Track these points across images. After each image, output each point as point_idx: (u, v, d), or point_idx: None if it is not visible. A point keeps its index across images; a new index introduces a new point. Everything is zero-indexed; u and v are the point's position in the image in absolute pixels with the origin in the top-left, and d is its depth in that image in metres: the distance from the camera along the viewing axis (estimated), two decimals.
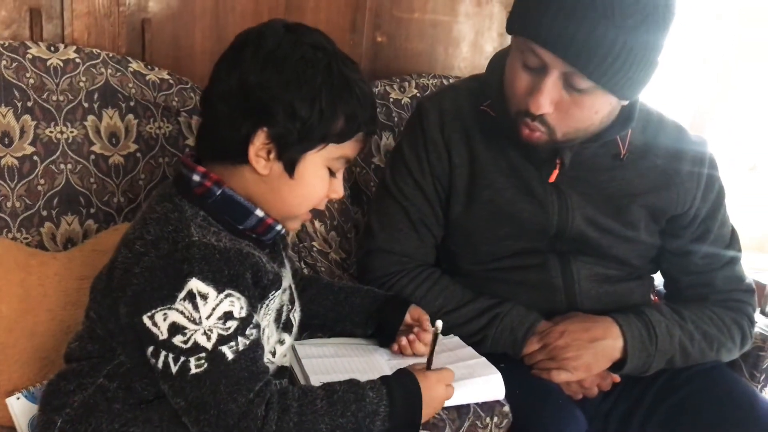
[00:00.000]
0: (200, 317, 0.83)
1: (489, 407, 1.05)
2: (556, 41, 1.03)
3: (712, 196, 1.26)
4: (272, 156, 0.90)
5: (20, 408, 1.05)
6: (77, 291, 1.17)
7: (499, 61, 1.22)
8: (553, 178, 1.20)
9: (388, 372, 1.04)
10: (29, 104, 1.24)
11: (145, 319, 0.84)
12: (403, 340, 1.11)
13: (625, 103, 1.14)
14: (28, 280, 1.15)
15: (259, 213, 0.93)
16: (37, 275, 1.16)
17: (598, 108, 1.10)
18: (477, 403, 1.05)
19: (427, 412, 0.94)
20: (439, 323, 1.00)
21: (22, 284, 1.14)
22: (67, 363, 0.97)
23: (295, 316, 1.05)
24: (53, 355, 1.12)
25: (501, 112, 1.19)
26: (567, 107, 1.09)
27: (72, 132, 1.27)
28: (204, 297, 0.83)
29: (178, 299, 0.82)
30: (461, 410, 1.03)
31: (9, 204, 1.22)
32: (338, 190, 0.97)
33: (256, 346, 0.87)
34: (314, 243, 1.46)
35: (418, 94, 1.67)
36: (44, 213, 1.25)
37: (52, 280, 1.17)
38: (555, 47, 1.04)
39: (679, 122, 1.29)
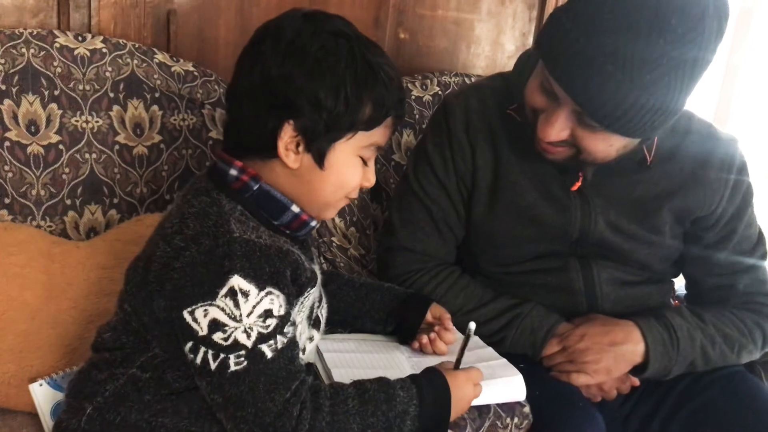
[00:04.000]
0: (241, 315, 0.82)
1: (509, 408, 1.05)
2: (571, 83, 1.02)
3: (739, 196, 1.24)
4: (301, 148, 0.90)
5: (43, 394, 1.05)
6: (100, 280, 1.17)
7: (525, 61, 1.21)
8: (575, 188, 1.20)
9: (409, 369, 1.04)
10: (56, 93, 1.24)
11: (185, 315, 0.83)
12: (424, 338, 1.11)
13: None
14: (51, 268, 1.15)
15: (295, 209, 0.93)
16: (60, 263, 1.17)
17: (613, 142, 1.09)
18: (497, 404, 1.05)
19: (456, 412, 0.94)
20: (472, 325, 0.98)
21: (46, 272, 1.15)
22: (96, 352, 0.97)
23: (323, 312, 1.05)
24: (75, 343, 1.13)
25: (525, 118, 1.18)
26: (581, 138, 1.09)
27: (97, 122, 1.28)
28: (245, 294, 0.82)
29: (219, 296, 0.82)
30: (482, 410, 1.03)
31: (34, 192, 1.23)
32: (371, 179, 0.96)
33: (293, 344, 0.87)
34: (333, 238, 1.47)
35: (440, 92, 1.67)
36: (68, 202, 1.26)
37: (75, 269, 1.17)
38: (569, 87, 1.03)
39: (708, 121, 1.27)
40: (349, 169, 0.93)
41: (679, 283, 1.38)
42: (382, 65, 0.90)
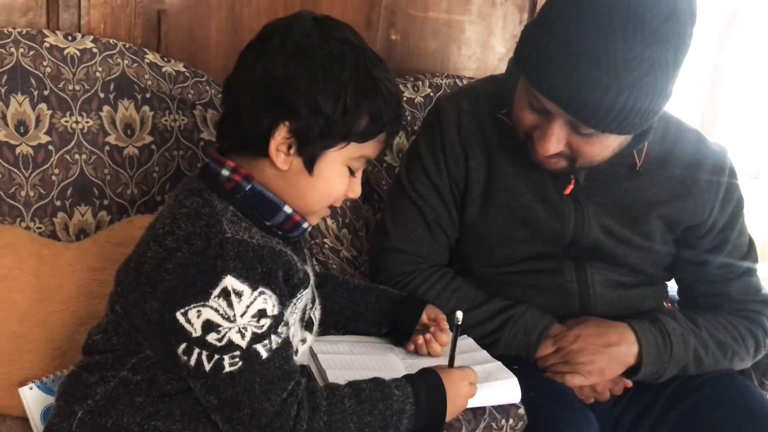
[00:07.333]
0: (235, 315, 0.82)
1: (504, 409, 1.06)
2: (560, 95, 1.02)
3: (730, 206, 1.24)
4: (292, 151, 0.89)
5: (33, 398, 1.04)
6: (90, 282, 1.16)
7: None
8: (567, 191, 1.20)
9: (403, 371, 1.04)
10: (45, 93, 1.23)
11: (178, 316, 0.83)
12: (420, 339, 1.11)
13: None
14: (41, 270, 1.14)
15: (288, 210, 0.92)
16: (50, 265, 1.15)
17: (610, 143, 1.10)
18: (493, 405, 1.05)
19: (452, 410, 0.94)
20: (459, 314, 0.99)
21: (35, 274, 1.13)
22: (87, 355, 0.96)
23: (316, 314, 1.05)
24: (65, 345, 1.12)
25: (516, 123, 1.18)
26: (577, 146, 1.09)
27: (87, 122, 1.27)
28: (239, 294, 0.82)
29: (213, 296, 0.82)
30: (477, 412, 1.03)
31: (23, 193, 1.21)
32: (356, 190, 0.96)
33: (287, 344, 0.87)
34: (326, 240, 1.46)
35: (431, 94, 1.67)
36: (58, 203, 1.24)
37: (65, 271, 1.16)
38: (558, 101, 1.03)
39: (697, 130, 1.28)
40: (336, 178, 0.93)
41: (672, 285, 1.39)
42: (383, 80, 0.90)
